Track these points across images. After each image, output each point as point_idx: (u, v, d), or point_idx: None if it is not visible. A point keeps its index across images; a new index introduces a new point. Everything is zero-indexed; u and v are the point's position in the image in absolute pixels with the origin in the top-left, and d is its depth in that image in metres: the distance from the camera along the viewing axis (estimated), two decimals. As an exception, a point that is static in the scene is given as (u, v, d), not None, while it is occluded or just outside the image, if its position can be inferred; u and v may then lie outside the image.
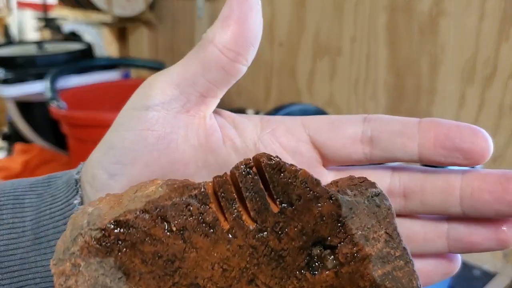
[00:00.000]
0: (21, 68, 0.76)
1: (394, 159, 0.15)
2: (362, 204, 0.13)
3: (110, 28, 1.11)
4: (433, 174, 0.15)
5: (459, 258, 0.17)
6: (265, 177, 0.13)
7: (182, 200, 0.13)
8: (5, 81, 0.73)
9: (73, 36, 1.01)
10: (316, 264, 0.13)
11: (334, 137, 0.16)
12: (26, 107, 0.77)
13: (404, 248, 0.14)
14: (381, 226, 0.13)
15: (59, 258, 0.12)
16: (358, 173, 0.15)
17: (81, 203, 0.16)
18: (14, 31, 1.35)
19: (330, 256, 0.13)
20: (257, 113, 0.61)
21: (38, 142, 0.76)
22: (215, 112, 0.16)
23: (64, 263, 0.12)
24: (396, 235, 0.13)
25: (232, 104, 0.89)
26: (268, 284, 0.13)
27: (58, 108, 0.62)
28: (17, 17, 1.47)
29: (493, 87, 0.53)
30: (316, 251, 0.13)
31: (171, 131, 0.15)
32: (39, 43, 0.85)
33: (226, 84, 0.15)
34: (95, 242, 0.12)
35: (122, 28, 1.10)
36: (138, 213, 0.12)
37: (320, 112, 0.43)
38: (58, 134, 0.69)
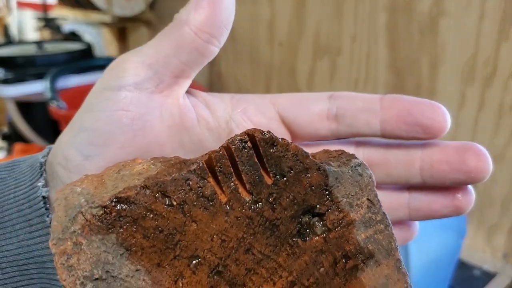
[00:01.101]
0: (21, 68, 0.76)
1: (359, 134, 0.16)
2: (346, 174, 0.14)
3: (110, 28, 1.11)
4: (395, 148, 0.16)
5: (417, 225, 0.18)
6: (259, 151, 0.13)
7: (182, 175, 0.13)
8: (5, 81, 0.73)
9: (73, 36, 1.01)
10: (306, 231, 0.14)
11: (302, 114, 0.16)
12: (26, 107, 0.77)
13: (384, 213, 0.14)
14: (364, 193, 0.14)
15: (58, 237, 0.12)
16: (325, 148, 0.16)
17: (45, 185, 0.16)
18: (14, 31, 1.35)
19: (318, 223, 0.14)
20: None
21: (38, 142, 0.76)
22: (187, 92, 0.17)
23: (65, 242, 0.12)
24: (377, 201, 0.14)
25: (232, 104, 0.89)
26: (263, 252, 0.13)
27: (58, 108, 0.62)
28: (17, 17, 1.47)
29: (493, 87, 0.53)
30: (306, 219, 0.14)
31: (145, 112, 0.15)
32: (39, 43, 0.85)
33: (199, 65, 0.16)
34: (96, 220, 0.12)
35: (122, 28, 1.10)
36: (138, 189, 0.13)
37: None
38: (58, 134, 0.69)
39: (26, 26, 1.45)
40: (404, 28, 0.59)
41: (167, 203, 0.13)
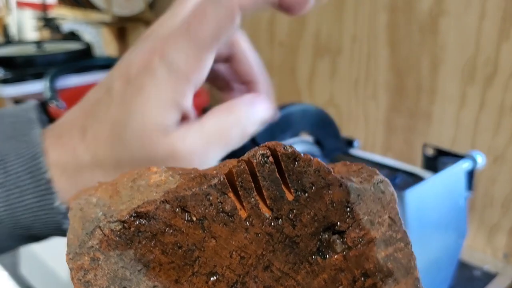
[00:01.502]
0: (20, 67, 0.76)
1: None
2: (368, 191, 0.14)
3: (109, 27, 1.11)
4: None
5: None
6: (280, 165, 0.13)
7: (202, 190, 0.13)
8: (4, 81, 0.73)
9: (72, 36, 1.01)
10: (326, 248, 0.14)
11: None
12: (25, 106, 0.77)
13: (404, 231, 0.14)
14: (385, 211, 0.14)
15: (75, 252, 0.12)
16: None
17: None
18: (13, 30, 1.35)
19: (338, 241, 0.14)
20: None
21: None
22: None
23: (82, 257, 0.12)
24: (398, 219, 0.14)
25: (232, 104, 0.89)
26: (283, 269, 0.13)
27: (57, 107, 0.62)
28: (16, 17, 1.47)
29: (493, 86, 0.53)
30: (326, 236, 0.14)
31: None
32: (38, 43, 0.85)
33: None
34: (115, 235, 0.12)
35: (121, 28, 1.10)
36: (158, 204, 0.12)
37: (320, 112, 0.43)
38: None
39: (26, 25, 1.45)
40: (404, 28, 0.59)
41: (187, 218, 0.13)
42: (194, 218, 0.13)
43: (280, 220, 0.13)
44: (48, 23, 1.04)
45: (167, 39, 0.16)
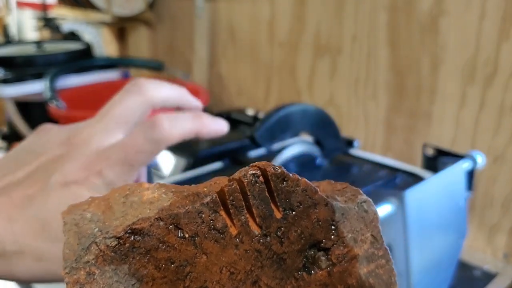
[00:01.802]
0: (20, 67, 0.76)
1: None
2: (352, 210, 0.15)
3: (109, 27, 1.11)
4: None
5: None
6: (270, 185, 0.14)
7: (195, 208, 0.13)
8: (4, 81, 0.73)
9: (72, 36, 1.01)
10: (312, 265, 0.14)
11: None
12: (25, 106, 0.77)
13: (386, 249, 0.15)
14: (368, 229, 0.15)
15: (71, 266, 0.13)
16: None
17: None
18: (13, 30, 1.35)
19: (323, 257, 0.14)
20: (257, 112, 0.61)
21: (37, 142, 0.76)
22: None
23: (78, 272, 0.13)
24: (380, 237, 0.15)
25: (232, 104, 0.89)
26: (270, 285, 0.14)
27: (57, 107, 0.62)
28: (16, 17, 1.47)
29: (493, 86, 0.53)
30: (311, 253, 0.14)
31: None
32: (38, 43, 0.85)
33: None
34: (110, 250, 0.13)
35: (121, 28, 1.10)
36: (153, 221, 0.13)
37: (320, 111, 0.43)
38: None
39: (26, 25, 1.45)
40: (404, 28, 0.59)
41: (179, 235, 0.13)
42: (187, 235, 0.13)
43: (269, 237, 0.14)
44: (48, 23, 1.04)
45: (104, 159, 0.20)
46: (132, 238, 0.13)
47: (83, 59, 0.81)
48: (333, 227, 0.14)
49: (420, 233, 0.35)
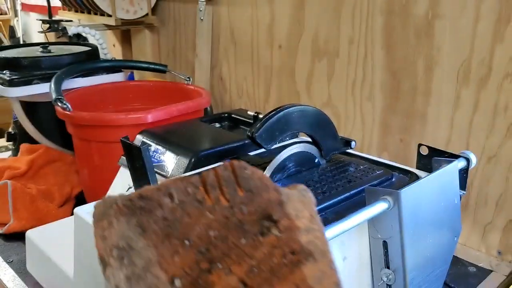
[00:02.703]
0: (27, 69, 0.78)
1: None
2: (295, 195, 0.20)
3: (114, 31, 1.13)
4: None
5: None
6: (236, 173, 0.20)
7: (183, 184, 0.19)
8: (11, 83, 0.74)
9: (78, 39, 1.02)
10: (265, 231, 0.20)
11: None
12: (31, 108, 0.79)
13: (321, 225, 0.20)
14: (306, 209, 0.20)
15: (98, 218, 0.19)
16: None
17: None
18: (19, 33, 1.37)
19: (274, 227, 0.19)
20: (257, 113, 0.62)
21: (43, 142, 0.78)
22: None
23: (103, 221, 0.19)
24: (316, 215, 0.20)
25: (232, 106, 0.90)
26: (235, 242, 0.19)
27: (63, 109, 0.63)
28: (22, 20, 1.49)
29: (488, 88, 0.54)
30: (265, 222, 0.20)
31: None
32: (44, 45, 0.87)
33: None
34: (125, 208, 0.19)
35: (125, 31, 1.12)
36: (154, 190, 0.19)
37: (318, 112, 0.44)
38: (64, 135, 0.70)
39: (31, 28, 1.47)
40: (400, 31, 0.61)
41: (172, 201, 0.19)
42: (177, 201, 0.19)
43: (234, 208, 0.19)
44: (54, 26, 1.06)
45: None
46: (140, 201, 0.19)
47: (89, 62, 0.83)
48: (280, 205, 0.20)
49: (415, 231, 0.36)
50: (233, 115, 0.62)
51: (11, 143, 0.86)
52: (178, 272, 0.18)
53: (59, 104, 0.64)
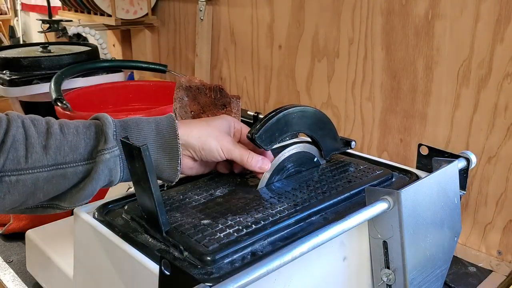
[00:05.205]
0: (27, 69, 0.78)
1: None
2: (234, 101, 0.50)
3: (113, 31, 1.13)
4: None
5: None
6: (220, 90, 0.50)
7: (200, 89, 0.50)
8: (11, 83, 0.75)
9: (78, 39, 1.02)
10: (223, 107, 0.49)
11: None
12: (31, 107, 0.79)
13: (235, 101, 0.53)
14: (236, 101, 0.52)
15: (175, 97, 0.48)
16: None
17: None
18: (19, 33, 1.37)
19: (227, 105, 0.49)
20: (257, 113, 0.62)
21: (43, 142, 0.78)
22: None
23: (179, 93, 0.48)
24: (225, 93, 0.51)
25: (233, 105, 0.90)
26: (208, 114, 0.49)
27: (63, 109, 0.64)
28: (22, 20, 1.49)
29: (487, 88, 0.54)
30: (223, 104, 0.49)
31: None
32: (44, 45, 0.87)
33: None
34: (184, 90, 0.48)
35: (125, 31, 1.12)
36: (193, 87, 0.49)
37: (318, 113, 0.44)
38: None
39: (31, 28, 1.48)
40: (400, 31, 0.61)
41: (197, 95, 0.49)
42: (197, 96, 0.49)
43: (214, 99, 0.48)
44: (54, 26, 1.06)
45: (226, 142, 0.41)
46: (190, 89, 0.48)
47: (88, 62, 0.83)
48: (229, 99, 0.48)
49: (415, 231, 0.36)
50: (233, 115, 0.62)
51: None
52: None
53: (59, 104, 0.64)
